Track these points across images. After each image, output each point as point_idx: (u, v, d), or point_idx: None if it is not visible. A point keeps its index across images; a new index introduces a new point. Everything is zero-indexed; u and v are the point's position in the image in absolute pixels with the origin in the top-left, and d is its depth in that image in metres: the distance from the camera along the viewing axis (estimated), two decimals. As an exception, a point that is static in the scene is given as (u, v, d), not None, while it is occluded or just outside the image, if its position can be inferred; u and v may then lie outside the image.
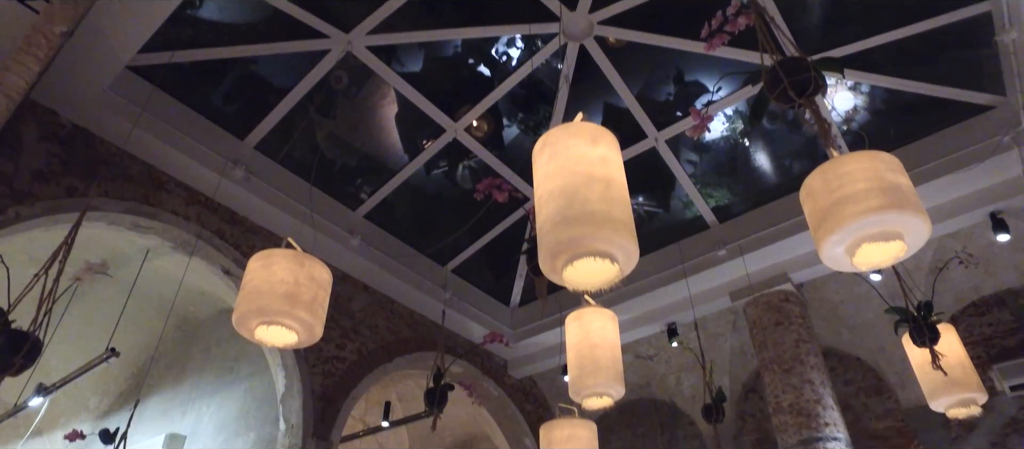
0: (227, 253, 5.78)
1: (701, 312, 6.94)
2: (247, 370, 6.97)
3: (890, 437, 7.01)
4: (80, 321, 7.32)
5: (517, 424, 8.27)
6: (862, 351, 7.40)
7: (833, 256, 2.40)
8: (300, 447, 5.63)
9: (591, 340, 2.59)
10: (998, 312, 6.86)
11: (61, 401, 8.25)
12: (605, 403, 2.57)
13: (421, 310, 7.31)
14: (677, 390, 8.40)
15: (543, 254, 1.51)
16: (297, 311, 2.60)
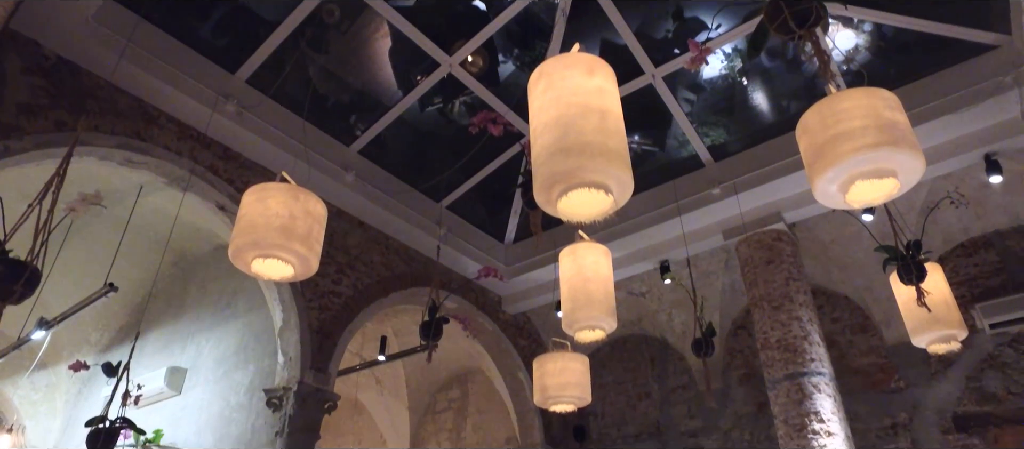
0: (221, 189, 5.77)
1: (694, 250, 7.02)
2: (244, 305, 7.07)
3: (872, 373, 7.22)
4: (77, 257, 7.35)
5: (511, 358, 8.48)
6: (850, 290, 7.54)
7: (826, 193, 2.42)
8: (298, 379, 5.77)
9: (584, 274, 2.63)
10: (985, 253, 6.96)
11: (63, 336, 8.38)
12: (597, 336, 2.63)
13: (416, 246, 7.37)
14: (668, 327, 8.59)
15: (538, 185, 1.52)
16: (293, 244, 2.61)
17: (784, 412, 5.81)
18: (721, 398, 8.04)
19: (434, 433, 10.02)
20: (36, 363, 8.17)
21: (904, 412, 6.86)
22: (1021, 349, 6.46)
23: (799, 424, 5.66)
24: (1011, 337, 6.52)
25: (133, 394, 5.34)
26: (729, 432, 7.86)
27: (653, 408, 8.63)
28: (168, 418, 7.01)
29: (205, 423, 6.64)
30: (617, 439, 8.75)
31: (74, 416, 8.47)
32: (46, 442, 8.60)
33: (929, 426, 6.68)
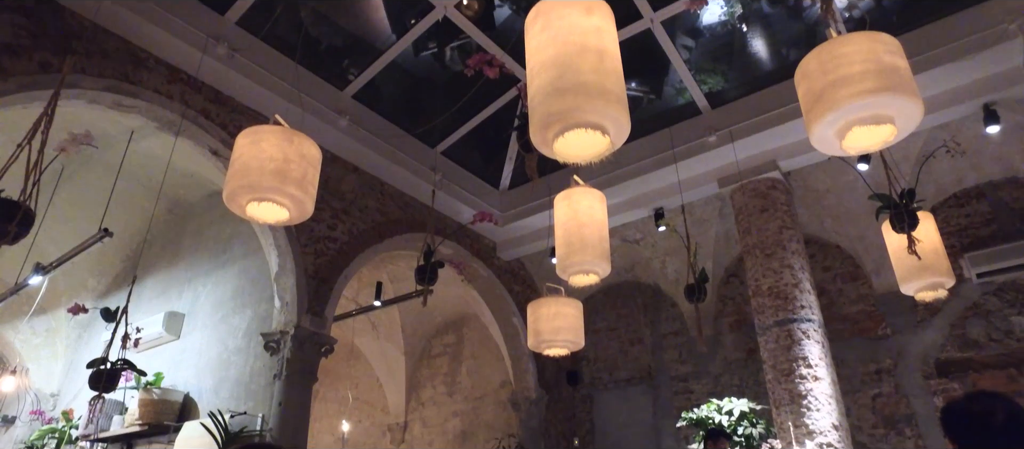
0: (214, 133, 5.70)
1: (689, 198, 7.04)
2: (240, 250, 7.09)
3: (861, 320, 7.36)
4: (70, 203, 7.33)
5: (505, 303, 8.58)
6: (842, 239, 7.61)
7: (823, 139, 2.41)
8: (295, 323, 5.84)
9: (579, 219, 2.63)
10: (976, 204, 7.01)
11: (61, 282, 8.42)
12: (591, 280, 2.66)
13: (411, 192, 7.36)
14: (661, 274, 8.68)
15: (534, 125, 1.51)
16: (287, 187, 2.60)
17: (773, 357, 5.95)
18: (712, 344, 8.21)
19: (430, 377, 10.23)
20: (35, 308, 8.23)
21: (889, 358, 7.03)
22: (1006, 298, 6.58)
23: (787, 369, 5.79)
24: (996, 286, 6.63)
25: (132, 337, 5.42)
26: (719, 376, 8.06)
27: (645, 353, 8.81)
28: (168, 362, 7.12)
29: (204, 366, 6.75)
30: (609, 383, 8.96)
31: (75, 360, 8.59)
32: (49, 385, 8.75)
33: (912, 371, 6.85)
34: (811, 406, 5.58)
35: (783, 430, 5.65)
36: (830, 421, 5.54)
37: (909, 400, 6.78)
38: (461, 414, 9.59)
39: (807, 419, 5.55)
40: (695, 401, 7.41)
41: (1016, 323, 6.45)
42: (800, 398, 5.63)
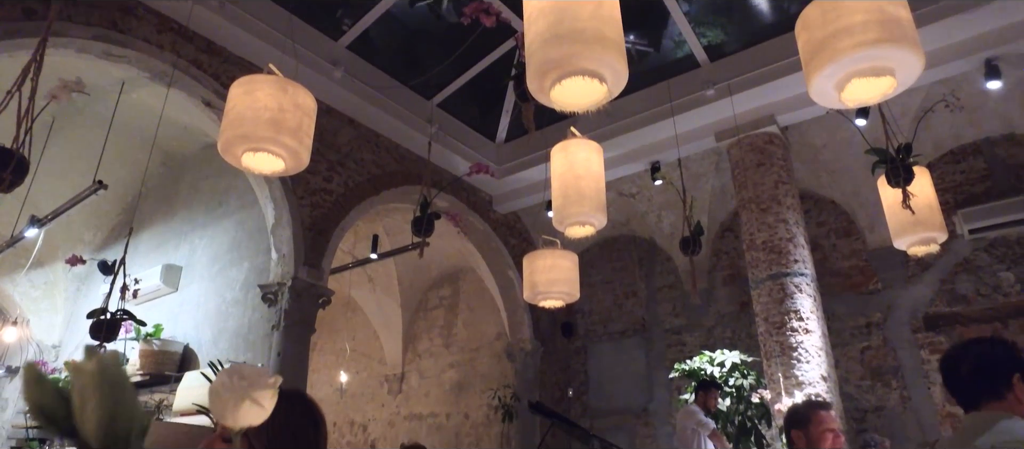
0: (206, 84, 5.63)
1: (685, 152, 7.01)
2: (236, 203, 7.08)
3: (853, 275, 7.45)
4: (63, 156, 7.27)
5: (501, 257, 8.64)
6: (837, 194, 7.63)
7: (822, 91, 2.39)
8: (292, 275, 5.88)
9: (576, 171, 2.63)
10: (973, 160, 7.02)
11: (57, 235, 8.41)
12: (587, 232, 2.67)
13: (407, 144, 7.32)
14: (657, 228, 8.72)
15: (531, 73, 1.49)
16: (283, 137, 2.58)
17: (765, 310, 6.03)
18: (705, 297, 8.31)
19: (426, 329, 10.36)
20: (32, 261, 8.24)
21: (879, 312, 7.14)
22: (995, 253, 6.65)
23: (779, 322, 5.89)
24: (988, 242, 6.69)
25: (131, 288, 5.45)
26: (712, 329, 8.18)
27: (639, 306, 8.92)
28: (166, 314, 7.18)
29: (203, 318, 6.81)
30: (603, 335, 9.10)
31: (75, 312, 8.66)
32: (50, 336, 8.84)
33: (901, 325, 6.97)
34: (801, 358, 5.70)
35: (773, 381, 5.77)
36: (819, 372, 5.66)
37: (896, 353, 6.91)
38: (457, 365, 9.75)
39: (797, 371, 5.66)
40: (688, 353, 7.55)
41: (1004, 278, 6.54)
42: (791, 350, 5.74)
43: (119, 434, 0.28)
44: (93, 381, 0.28)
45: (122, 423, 0.28)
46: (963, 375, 1.68)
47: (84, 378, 0.29)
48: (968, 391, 1.68)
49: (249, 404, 0.39)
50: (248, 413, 0.39)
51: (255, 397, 0.39)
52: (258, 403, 0.39)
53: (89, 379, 0.28)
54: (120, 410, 0.28)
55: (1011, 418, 1.58)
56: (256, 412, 0.40)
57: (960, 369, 1.70)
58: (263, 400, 0.40)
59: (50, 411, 0.29)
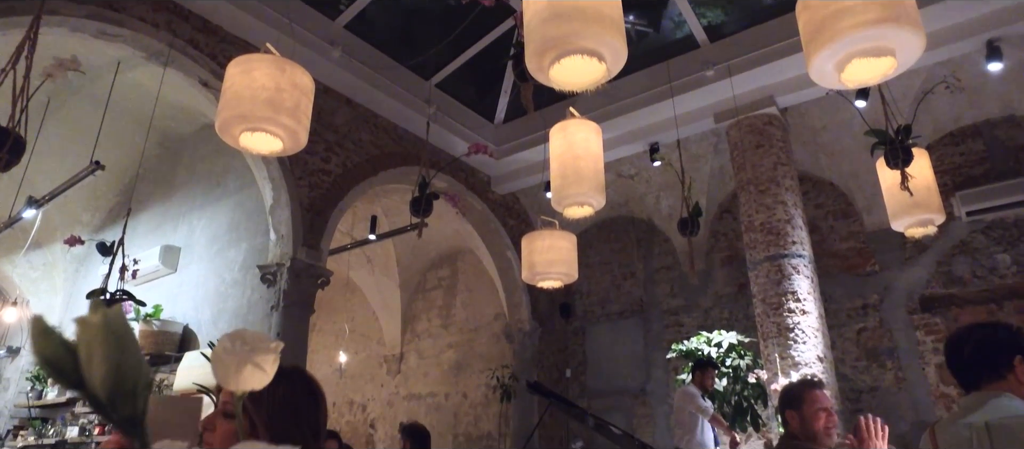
0: (203, 64, 5.59)
1: (685, 133, 7.00)
2: (234, 184, 7.06)
3: (850, 257, 7.47)
4: (60, 137, 7.24)
5: (500, 237, 8.65)
6: (836, 176, 7.64)
7: (822, 72, 2.38)
8: (291, 255, 5.89)
9: (574, 151, 2.62)
10: (972, 142, 7.01)
11: (55, 216, 8.40)
12: (586, 212, 2.67)
13: (405, 125, 7.29)
14: (655, 209, 8.73)
15: (530, 51, 1.48)
16: (281, 117, 2.57)
17: (763, 291, 6.06)
18: (703, 278, 8.34)
19: (425, 310, 10.40)
20: (30, 242, 8.23)
21: (876, 293, 7.18)
22: (992, 236, 6.67)
23: (776, 303, 5.92)
24: (985, 224, 6.71)
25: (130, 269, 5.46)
26: (709, 310, 8.23)
27: (637, 287, 8.95)
28: (166, 295, 7.19)
29: (202, 299, 6.83)
30: (601, 316, 9.14)
31: (74, 293, 8.67)
32: (50, 317, 8.85)
33: (897, 306, 7.02)
34: (798, 339, 5.73)
35: (770, 361, 5.82)
36: (815, 353, 5.70)
37: (892, 334, 6.96)
38: (456, 346, 9.81)
39: (793, 351, 5.70)
40: (685, 334, 7.59)
41: (1000, 260, 6.57)
42: (787, 331, 5.78)
43: (125, 386, 0.29)
44: (99, 335, 0.29)
45: (128, 376, 0.29)
46: (966, 355, 1.72)
47: (90, 332, 0.29)
48: (970, 371, 1.71)
49: (252, 368, 0.40)
50: (251, 377, 0.40)
51: (257, 361, 0.40)
52: (260, 367, 0.40)
53: (95, 333, 0.29)
54: (126, 363, 0.29)
55: (1006, 397, 1.62)
56: (259, 376, 0.40)
57: (963, 350, 1.74)
58: (265, 364, 0.40)
59: (58, 363, 0.30)
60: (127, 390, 0.29)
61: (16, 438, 7.32)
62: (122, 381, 0.29)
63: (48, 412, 7.75)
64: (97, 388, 0.29)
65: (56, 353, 0.30)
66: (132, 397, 0.29)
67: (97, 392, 0.29)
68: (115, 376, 0.28)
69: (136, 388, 0.29)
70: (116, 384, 0.28)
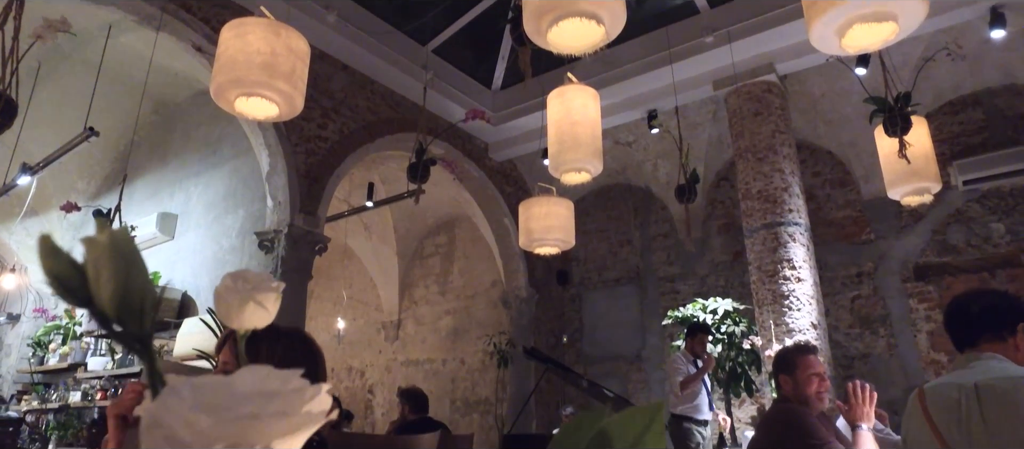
0: (196, 28, 5.51)
1: (683, 100, 6.95)
2: (230, 151, 7.02)
3: (846, 225, 7.50)
4: (53, 103, 7.16)
5: (497, 204, 8.65)
6: (834, 145, 7.62)
7: (823, 37, 2.36)
8: (288, 222, 5.89)
9: (572, 117, 2.61)
10: (971, 111, 6.98)
11: (49, 184, 8.36)
12: (583, 178, 2.67)
13: (402, 91, 7.23)
14: (653, 176, 8.72)
15: (528, 14, 1.47)
16: (276, 82, 2.55)
17: (759, 259, 6.10)
18: (700, 246, 8.38)
19: (422, 277, 10.45)
20: (25, 209, 8.21)
21: (871, 262, 7.23)
22: (988, 204, 6.69)
23: (772, 270, 5.96)
24: (981, 193, 6.73)
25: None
26: (705, 277, 8.28)
27: (634, 254, 8.99)
28: (163, 262, 7.21)
29: (200, 266, 6.85)
30: (598, 283, 9.20)
31: (71, 258, 8.67)
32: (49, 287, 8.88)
33: (891, 275, 7.07)
34: (792, 306, 5.79)
35: (764, 328, 5.88)
36: (809, 320, 5.76)
37: (886, 301, 7.03)
38: (453, 312, 9.88)
39: (788, 318, 5.76)
40: (681, 301, 7.65)
41: (995, 229, 6.60)
42: (782, 298, 5.83)
43: (133, 305, 0.29)
44: (106, 253, 0.30)
45: (135, 294, 0.30)
46: (973, 314, 1.75)
47: (97, 250, 0.30)
48: (972, 329, 1.74)
49: (254, 306, 0.40)
50: (253, 315, 0.41)
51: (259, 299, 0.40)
52: (262, 306, 0.41)
53: (102, 251, 0.30)
54: (133, 281, 0.29)
55: (999, 359, 1.65)
56: (261, 314, 0.41)
57: (971, 309, 1.77)
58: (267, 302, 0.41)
59: (66, 281, 0.31)
60: (135, 309, 0.29)
61: (20, 402, 7.40)
62: (129, 299, 0.29)
63: (50, 377, 7.82)
64: (105, 306, 0.29)
65: (64, 271, 0.30)
66: (140, 315, 0.30)
67: (105, 310, 0.29)
68: (122, 294, 0.29)
69: (143, 307, 0.30)
70: (123, 302, 0.29)
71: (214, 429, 0.22)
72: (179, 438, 0.22)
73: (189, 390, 0.23)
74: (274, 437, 0.23)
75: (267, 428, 0.23)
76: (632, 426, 0.26)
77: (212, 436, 0.22)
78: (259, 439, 0.23)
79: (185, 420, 0.23)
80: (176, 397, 0.23)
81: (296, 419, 0.23)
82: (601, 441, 0.26)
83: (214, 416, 0.22)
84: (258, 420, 0.23)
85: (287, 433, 0.23)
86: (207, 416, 0.22)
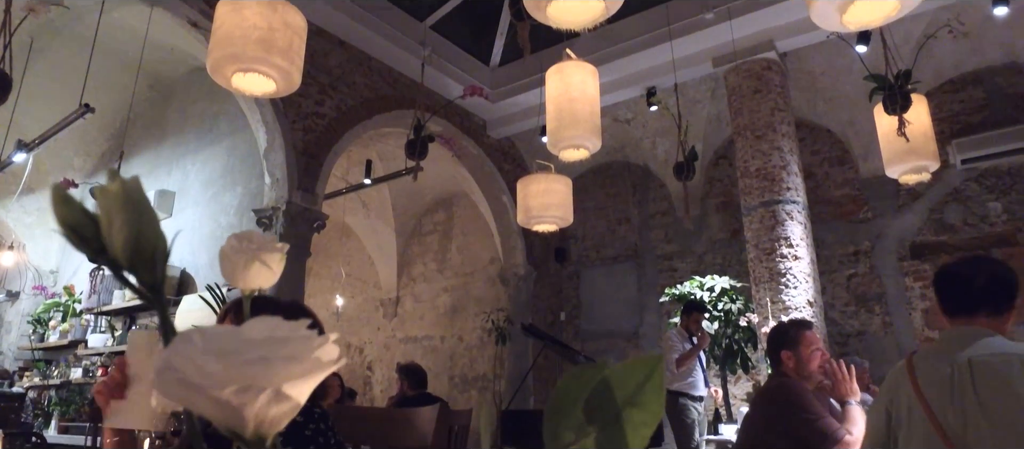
0: (191, 3, 5.46)
1: (682, 77, 6.91)
2: (227, 128, 6.99)
3: (844, 204, 7.51)
4: (47, 79, 7.11)
5: (495, 182, 8.64)
6: (833, 123, 7.60)
7: (824, 13, 2.35)
8: (286, 199, 5.88)
9: (571, 94, 2.60)
10: (972, 90, 6.96)
11: (46, 161, 8.32)
12: (581, 155, 2.67)
13: (399, 68, 7.18)
14: (651, 154, 8.71)
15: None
16: (273, 57, 2.54)
17: (756, 237, 6.12)
18: (697, 224, 8.40)
19: (420, 254, 10.47)
20: (22, 187, 8.17)
21: (868, 240, 7.25)
22: (986, 183, 6.70)
23: (769, 248, 5.98)
24: (979, 172, 6.73)
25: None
26: (703, 255, 8.31)
27: (632, 232, 9.01)
28: (162, 237, 7.21)
29: (198, 243, 6.85)
30: (596, 261, 9.23)
31: (69, 236, 8.67)
32: (47, 262, 8.89)
33: (887, 253, 7.10)
34: (789, 284, 5.82)
35: (761, 306, 5.92)
36: (806, 298, 5.80)
37: (882, 280, 7.07)
38: (451, 289, 9.92)
39: (784, 296, 5.80)
40: (679, 279, 7.68)
41: (992, 208, 6.62)
42: (779, 276, 5.86)
43: (145, 254, 0.30)
44: (118, 202, 0.30)
45: (147, 243, 0.30)
46: (978, 285, 1.70)
47: (110, 199, 0.30)
48: (974, 300, 1.69)
49: (259, 266, 0.41)
50: (258, 275, 0.41)
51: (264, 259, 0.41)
52: (267, 265, 0.41)
53: (114, 200, 0.30)
54: (145, 231, 0.30)
55: (992, 335, 1.64)
56: (265, 274, 0.42)
57: (976, 279, 1.71)
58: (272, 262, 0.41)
59: (80, 230, 0.31)
60: (147, 257, 0.30)
61: (22, 378, 7.45)
62: (142, 248, 0.30)
63: (51, 354, 7.86)
64: (118, 254, 0.30)
65: (78, 220, 0.31)
66: (152, 264, 0.30)
67: (119, 258, 0.30)
68: (135, 243, 0.29)
69: (155, 256, 0.30)
70: (136, 251, 0.30)
71: (225, 372, 0.23)
72: (191, 381, 0.23)
73: (200, 337, 0.24)
74: (284, 380, 0.24)
75: (277, 371, 0.23)
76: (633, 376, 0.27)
77: (224, 379, 0.23)
78: (269, 381, 0.23)
79: (196, 365, 0.23)
80: (188, 344, 0.24)
81: (305, 364, 0.24)
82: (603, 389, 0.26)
83: (225, 360, 0.23)
84: (268, 364, 0.23)
85: (296, 378, 0.24)
86: (218, 360, 0.23)
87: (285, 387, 0.24)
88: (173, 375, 0.23)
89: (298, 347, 0.24)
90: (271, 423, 0.25)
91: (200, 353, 0.24)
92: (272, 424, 0.25)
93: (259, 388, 0.23)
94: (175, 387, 0.23)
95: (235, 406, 0.23)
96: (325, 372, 0.25)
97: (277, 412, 0.24)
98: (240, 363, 0.23)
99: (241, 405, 0.23)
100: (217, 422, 0.24)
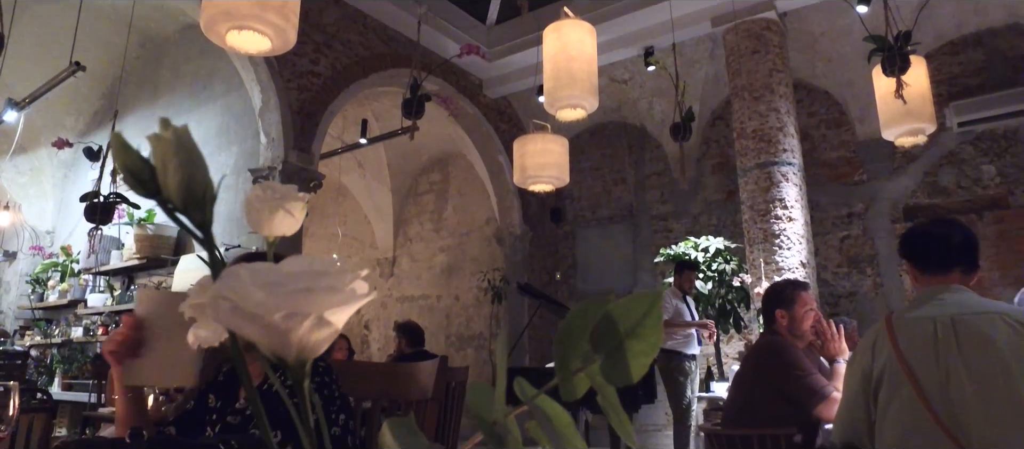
0: (181, -43, 5.33)
1: (681, 37, 6.84)
2: (221, 87, 6.92)
3: (839, 166, 7.54)
4: (35, 37, 7.00)
5: (491, 142, 8.62)
6: (831, 85, 7.57)
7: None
8: (282, 158, 5.87)
9: (568, 52, 2.59)
10: (972, 52, 6.92)
11: (38, 121, 8.23)
12: (578, 115, 2.67)
13: (395, 26, 7.09)
14: (648, 115, 8.68)
15: (528, -57, 1.44)
16: (267, 14, 2.51)
17: (751, 198, 6.15)
18: (693, 185, 8.42)
19: (416, 214, 10.50)
20: (15, 147, 8.11)
21: (862, 203, 7.30)
22: (981, 146, 6.72)
23: (764, 210, 6.02)
24: (975, 135, 6.74)
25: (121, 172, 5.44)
26: (698, 216, 8.36)
27: (627, 193, 9.04)
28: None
29: (195, 202, 6.85)
30: (591, 221, 9.28)
31: (64, 198, 8.65)
32: (43, 222, 8.88)
33: (881, 215, 7.16)
34: (782, 245, 5.89)
35: (754, 266, 5.99)
36: (799, 259, 5.87)
37: (874, 241, 7.14)
38: (447, 249, 9.98)
39: (778, 257, 5.87)
40: (674, 239, 7.74)
41: (986, 171, 6.65)
42: (773, 237, 5.92)
43: (197, 194, 0.33)
44: (171, 147, 0.33)
45: (198, 185, 0.33)
46: (955, 243, 1.75)
47: (164, 145, 0.33)
48: (951, 257, 1.74)
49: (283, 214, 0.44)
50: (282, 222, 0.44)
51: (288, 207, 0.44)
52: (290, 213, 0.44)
53: (168, 146, 0.33)
54: (196, 173, 0.33)
55: (964, 292, 1.69)
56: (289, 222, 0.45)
57: (952, 237, 1.77)
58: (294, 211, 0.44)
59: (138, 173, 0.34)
60: (198, 198, 0.33)
61: (23, 337, 7.53)
62: (194, 189, 0.33)
63: (50, 314, 7.92)
64: (173, 196, 0.33)
65: (136, 165, 0.33)
66: (202, 205, 0.33)
67: (173, 199, 0.33)
68: (188, 185, 0.32)
69: (205, 197, 0.33)
70: (189, 192, 0.32)
71: (272, 300, 0.26)
72: (244, 309, 0.25)
73: (247, 271, 0.27)
74: (325, 308, 0.26)
75: (319, 299, 0.26)
76: (634, 310, 0.30)
77: (272, 306, 0.25)
78: (313, 308, 0.26)
79: (247, 293, 0.26)
80: (234, 277, 0.26)
81: (343, 294, 0.27)
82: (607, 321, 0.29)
83: (269, 290, 0.26)
84: (311, 293, 0.26)
85: (336, 306, 0.26)
86: (262, 290, 0.26)
87: (327, 314, 0.26)
88: (226, 304, 0.26)
89: (336, 279, 0.27)
90: (313, 347, 0.27)
91: (248, 285, 0.26)
92: (314, 348, 0.27)
93: (304, 314, 0.26)
94: (228, 315, 0.26)
95: (283, 330, 0.26)
96: (360, 302, 0.28)
97: (319, 336, 0.27)
98: (285, 293, 0.26)
99: (288, 329, 0.26)
100: (263, 347, 0.27)
